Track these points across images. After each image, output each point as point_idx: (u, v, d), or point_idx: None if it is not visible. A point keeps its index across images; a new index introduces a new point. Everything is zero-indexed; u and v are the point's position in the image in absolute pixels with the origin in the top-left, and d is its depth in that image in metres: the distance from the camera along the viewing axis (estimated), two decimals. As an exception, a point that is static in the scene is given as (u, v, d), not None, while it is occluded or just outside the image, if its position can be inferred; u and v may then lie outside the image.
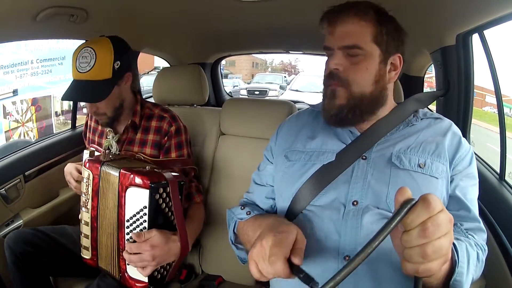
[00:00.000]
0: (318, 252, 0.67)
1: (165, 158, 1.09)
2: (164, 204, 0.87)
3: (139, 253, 0.83)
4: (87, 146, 1.22)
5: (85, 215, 0.94)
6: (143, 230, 0.85)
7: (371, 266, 0.63)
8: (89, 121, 1.23)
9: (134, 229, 0.86)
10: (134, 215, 0.85)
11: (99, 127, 1.17)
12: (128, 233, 0.87)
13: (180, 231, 0.89)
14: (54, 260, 1.04)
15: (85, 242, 0.95)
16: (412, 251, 0.43)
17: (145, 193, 0.83)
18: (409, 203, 0.42)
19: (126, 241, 0.87)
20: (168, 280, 0.94)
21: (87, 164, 0.94)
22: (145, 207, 0.84)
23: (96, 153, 1.07)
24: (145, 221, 0.85)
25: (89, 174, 0.93)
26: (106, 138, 1.10)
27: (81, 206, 0.95)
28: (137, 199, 0.84)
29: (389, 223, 0.42)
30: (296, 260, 0.55)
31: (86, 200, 0.94)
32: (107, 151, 1.04)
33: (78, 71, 0.98)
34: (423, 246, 0.42)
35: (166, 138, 1.09)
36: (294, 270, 0.55)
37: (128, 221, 0.86)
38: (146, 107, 1.14)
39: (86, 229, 0.95)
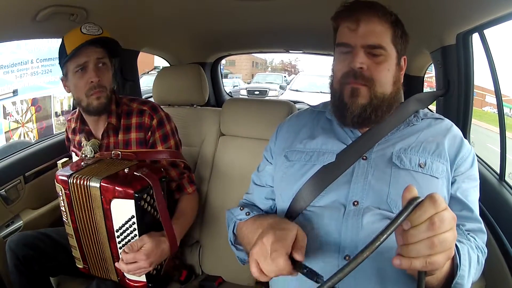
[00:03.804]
0: (318, 251, 0.67)
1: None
2: (149, 207, 0.86)
3: (135, 262, 0.84)
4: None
5: (68, 229, 0.94)
6: (135, 238, 0.85)
7: (376, 265, 0.63)
8: (69, 134, 1.18)
9: (125, 237, 0.86)
10: (123, 225, 0.85)
11: (76, 137, 1.11)
12: (119, 242, 0.87)
13: (167, 230, 0.89)
14: (56, 262, 1.04)
15: (75, 253, 0.96)
16: (419, 245, 0.44)
17: (131, 203, 0.82)
18: (416, 200, 0.45)
19: (120, 250, 0.87)
20: (164, 273, 0.95)
21: (58, 178, 0.90)
22: (133, 217, 0.84)
23: (75, 158, 1.04)
24: (135, 229, 0.85)
25: (61, 188, 0.90)
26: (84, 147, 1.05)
27: (64, 221, 0.94)
28: (124, 210, 0.83)
29: (397, 218, 0.43)
30: (298, 256, 0.55)
31: (65, 215, 0.92)
32: (83, 156, 1.01)
33: (93, 33, 0.95)
34: (430, 238, 0.44)
35: (149, 134, 1.05)
36: (297, 267, 0.55)
37: (118, 231, 0.86)
38: (123, 104, 1.08)
39: (72, 241, 0.95)
